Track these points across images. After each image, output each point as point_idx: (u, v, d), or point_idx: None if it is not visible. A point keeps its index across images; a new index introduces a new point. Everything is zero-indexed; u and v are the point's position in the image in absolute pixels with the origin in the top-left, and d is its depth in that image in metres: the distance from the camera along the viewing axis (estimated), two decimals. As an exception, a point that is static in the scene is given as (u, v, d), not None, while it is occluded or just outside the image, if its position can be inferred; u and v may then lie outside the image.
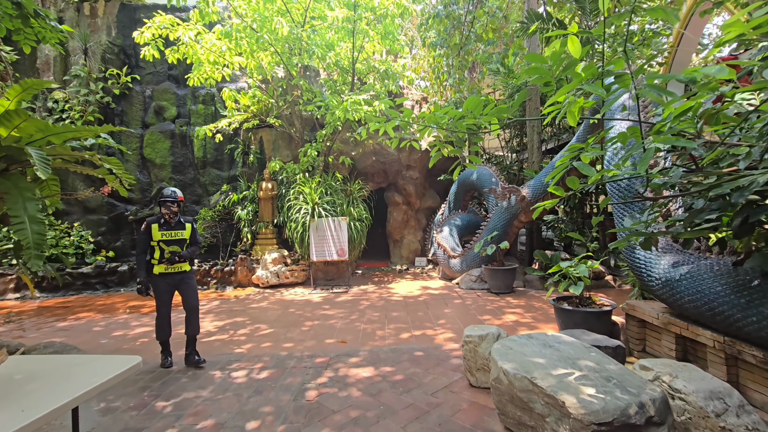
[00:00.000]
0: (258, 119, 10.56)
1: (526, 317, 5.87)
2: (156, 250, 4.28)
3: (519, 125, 11.02)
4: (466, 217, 9.32)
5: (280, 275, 8.62)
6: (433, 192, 11.82)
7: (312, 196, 8.36)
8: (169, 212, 4.33)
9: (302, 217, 8.37)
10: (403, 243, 11.21)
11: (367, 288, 8.39)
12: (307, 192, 8.42)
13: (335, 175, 9.56)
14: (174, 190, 4.42)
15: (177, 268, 4.36)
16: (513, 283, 7.51)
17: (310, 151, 8.79)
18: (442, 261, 8.78)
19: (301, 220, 8.36)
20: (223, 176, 10.89)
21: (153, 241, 4.26)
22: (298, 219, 8.31)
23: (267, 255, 8.81)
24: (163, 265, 4.29)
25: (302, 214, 8.35)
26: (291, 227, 8.48)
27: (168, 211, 4.33)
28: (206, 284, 8.88)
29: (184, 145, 10.86)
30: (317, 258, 8.33)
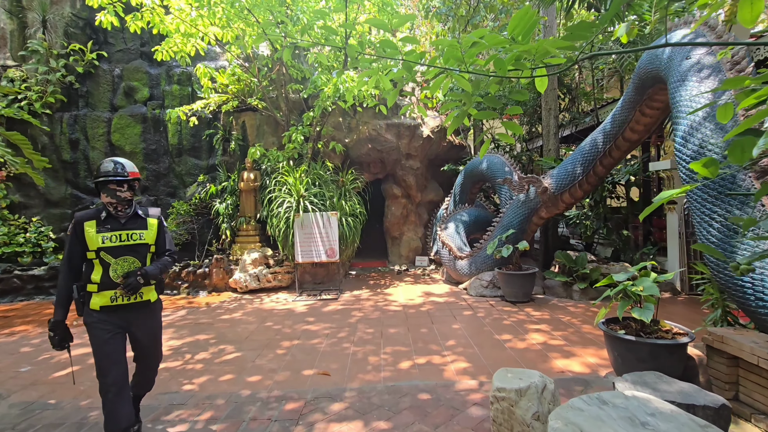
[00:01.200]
0: (239, 101, 9.27)
1: (556, 337, 4.67)
2: (95, 267, 2.49)
3: (532, 112, 9.78)
4: (473, 212, 8.10)
5: (261, 279, 7.41)
6: (436, 184, 10.59)
7: (297, 187, 7.13)
8: (116, 200, 2.53)
9: (285, 212, 7.14)
10: (402, 240, 10.01)
11: (360, 294, 7.19)
12: (291, 183, 7.19)
13: (325, 164, 8.32)
14: (119, 162, 2.62)
15: (136, 296, 2.58)
16: (532, 291, 6.32)
17: (296, 136, 7.54)
18: (447, 262, 7.58)
19: (284, 215, 7.14)
20: (201, 165, 9.63)
21: (90, 251, 2.48)
22: (280, 214, 7.08)
23: (246, 255, 7.59)
24: (110, 293, 2.51)
25: (285, 209, 7.12)
26: (273, 223, 7.25)
27: (112, 198, 2.52)
28: (176, 289, 7.66)
29: (157, 131, 9.58)
30: (303, 259, 7.11)
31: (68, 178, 9.36)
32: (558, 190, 6.12)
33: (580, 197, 6.10)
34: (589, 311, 5.67)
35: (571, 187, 6.00)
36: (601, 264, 6.62)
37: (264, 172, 8.67)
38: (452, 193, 8.89)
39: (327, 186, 7.81)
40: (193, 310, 6.46)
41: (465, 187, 8.55)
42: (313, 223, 7.10)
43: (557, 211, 6.41)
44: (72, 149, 9.34)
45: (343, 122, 9.56)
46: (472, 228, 7.96)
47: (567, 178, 6.04)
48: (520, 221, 6.63)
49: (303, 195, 7.16)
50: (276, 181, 7.57)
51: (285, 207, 7.07)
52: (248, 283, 7.32)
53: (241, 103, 9.32)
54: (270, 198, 7.56)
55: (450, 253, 7.48)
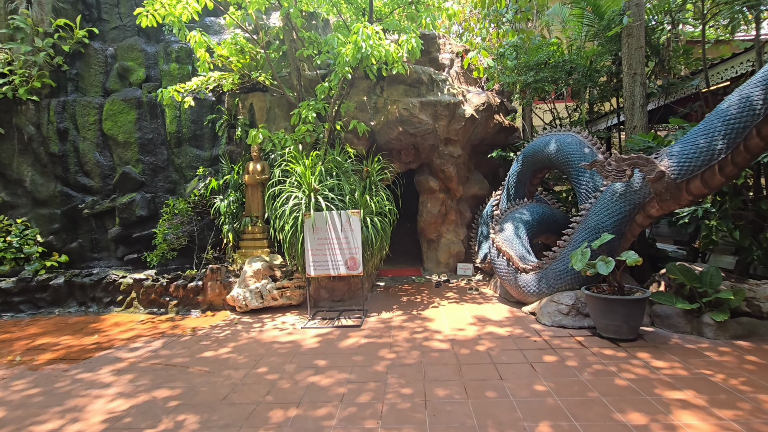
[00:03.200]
0: (244, 79, 7.63)
1: (724, 419, 2.67)
2: None
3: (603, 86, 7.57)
4: (537, 209, 6.08)
5: (265, 296, 5.71)
6: (480, 175, 8.59)
7: (308, 178, 5.36)
8: None
9: (292, 211, 5.39)
10: (440, 244, 8.09)
11: (391, 318, 5.35)
12: (300, 173, 5.43)
13: (345, 150, 6.52)
14: None
15: None
16: (641, 323, 4.28)
17: (306, 113, 5.76)
18: (505, 275, 5.61)
19: (290, 214, 5.39)
20: (203, 156, 8.08)
21: None
22: (285, 213, 5.34)
23: (247, 265, 5.92)
24: None
25: (292, 206, 5.37)
26: (276, 225, 5.52)
27: None
28: (163, 306, 6.09)
29: (154, 117, 8.10)
30: (316, 272, 5.35)
31: (57, 174, 8.03)
32: (682, 176, 4.04)
33: (718, 185, 3.99)
34: (747, 361, 3.58)
35: (705, 170, 3.90)
36: (739, 283, 4.48)
37: (272, 163, 6.98)
38: (504, 186, 6.89)
39: (347, 177, 6.01)
40: (172, 341, 4.83)
41: (523, 177, 6.52)
42: (329, 224, 5.32)
43: (677, 207, 4.32)
44: (61, 140, 7.99)
45: (368, 101, 7.74)
46: (536, 230, 5.95)
47: (699, 157, 3.94)
48: (616, 222, 4.59)
49: (315, 188, 5.39)
50: (281, 170, 5.83)
51: (292, 204, 5.32)
52: (248, 301, 5.64)
53: (247, 81, 7.67)
54: (273, 193, 5.83)
55: (509, 264, 5.51)
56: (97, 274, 6.70)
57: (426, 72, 8.04)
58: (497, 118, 8.10)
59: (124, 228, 7.83)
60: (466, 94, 8.04)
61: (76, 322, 5.86)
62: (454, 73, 8.44)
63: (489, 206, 7.75)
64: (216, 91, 8.04)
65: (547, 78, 7.14)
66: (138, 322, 5.66)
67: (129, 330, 5.35)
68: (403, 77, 7.87)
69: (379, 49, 5.27)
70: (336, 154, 6.06)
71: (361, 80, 7.90)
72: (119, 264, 7.90)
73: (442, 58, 8.55)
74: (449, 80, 8.19)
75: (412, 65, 8.03)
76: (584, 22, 7.60)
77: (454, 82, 8.32)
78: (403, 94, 7.86)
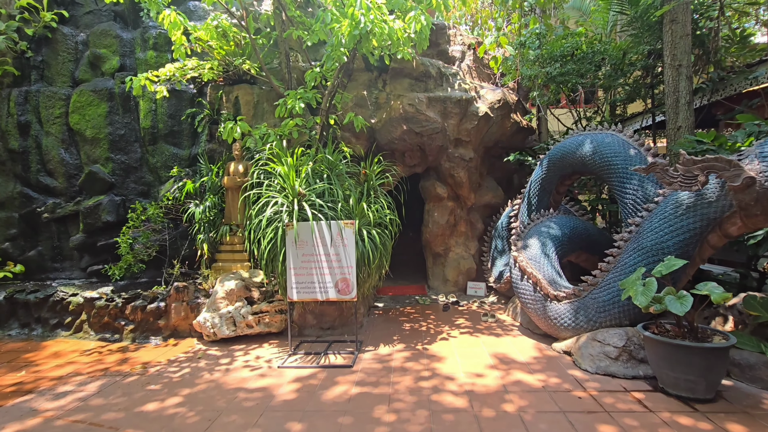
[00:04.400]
0: (229, 69, 6.65)
1: None
2: None
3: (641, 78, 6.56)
4: (566, 222, 5.04)
5: (238, 322, 4.65)
6: (493, 182, 7.55)
7: (291, 180, 4.32)
8: None
9: (271, 220, 4.35)
10: (448, 259, 7.02)
11: (390, 354, 4.28)
12: (282, 173, 4.39)
13: (340, 148, 5.49)
14: None
15: None
16: (722, 378, 3.22)
17: (293, 102, 4.74)
18: (530, 302, 4.55)
19: (268, 224, 4.35)
20: (181, 155, 7.07)
21: None
22: (263, 223, 4.28)
23: (219, 285, 4.87)
24: None
25: (271, 214, 4.32)
26: (252, 236, 4.47)
27: None
28: (118, 332, 5.03)
29: (127, 111, 7.10)
30: (299, 295, 4.30)
31: (16, 173, 7.02)
32: (780, 183, 3.00)
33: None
34: None
35: (817, 176, 2.87)
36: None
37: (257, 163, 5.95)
38: (525, 194, 5.85)
39: (341, 180, 4.98)
40: (113, 383, 3.77)
41: (548, 184, 5.49)
42: (316, 237, 4.28)
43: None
44: (22, 135, 7.00)
45: (368, 96, 6.75)
46: (567, 247, 4.89)
47: (807, 158, 2.91)
48: (681, 242, 3.54)
49: (301, 193, 4.35)
50: (261, 171, 4.79)
51: (271, 212, 4.27)
52: (218, 328, 4.58)
53: (232, 71, 6.69)
54: (250, 198, 4.79)
55: (536, 289, 4.45)
56: (44, 290, 5.65)
57: (434, 65, 7.06)
58: (514, 118, 7.09)
59: (88, 235, 6.79)
60: (480, 90, 7.04)
61: (11, 350, 4.80)
62: (466, 67, 7.46)
63: (504, 217, 6.71)
64: (197, 83, 7.06)
65: (573, 71, 6.14)
66: (82, 353, 4.60)
67: (68, 364, 4.29)
68: (408, 70, 6.89)
69: (380, 26, 4.26)
70: (328, 153, 5.03)
71: (360, 72, 6.93)
72: (83, 276, 6.86)
73: (453, 50, 7.57)
74: (460, 74, 7.20)
75: (419, 56, 7.05)
76: (613, 10, 6.62)
77: (465, 76, 7.34)
78: (408, 88, 6.87)
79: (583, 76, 6.18)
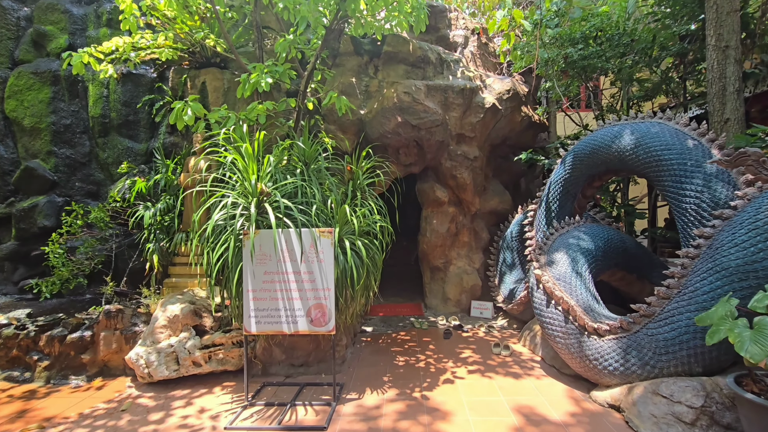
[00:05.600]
0: (193, 49, 5.60)
1: None
2: None
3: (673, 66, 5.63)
4: (599, 232, 4.02)
5: (183, 359, 3.53)
6: (499, 185, 6.54)
7: (251, 174, 3.24)
8: None
9: (220, 227, 3.28)
10: (448, 273, 5.97)
11: (379, 406, 3.19)
12: (239, 166, 3.31)
13: (320, 139, 4.44)
14: None
15: None
16: None
17: (258, 77, 3.68)
18: (560, 335, 3.49)
19: (218, 233, 3.28)
20: (137, 149, 5.96)
21: None
22: (209, 230, 3.18)
23: (160, 309, 3.74)
24: None
25: (224, 217, 3.23)
26: (195, 246, 3.37)
27: None
28: (29, 368, 3.87)
29: (74, 97, 6.00)
30: (259, 328, 3.20)
31: (-60, 168, 5.87)
32: None
33: None
34: None
35: None
36: None
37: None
38: (542, 199, 4.83)
39: (321, 178, 3.91)
40: (-15, 455, 2.65)
41: (572, 186, 4.47)
42: (283, 249, 3.20)
43: None
44: (-53, 124, 5.86)
45: (357, 83, 5.73)
46: (601, 264, 3.87)
47: None
48: (782, 261, 2.54)
49: (264, 192, 3.28)
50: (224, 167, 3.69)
51: (223, 214, 3.18)
52: (154, 368, 3.45)
53: (197, 50, 5.64)
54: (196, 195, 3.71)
55: (568, 319, 3.40)
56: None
57: (434, 50, 6.08)
58: (525, 111, 6.11)
59: (22, 242, 5.63)
60: (486, 79, 6.06)
61: None
62: (469, 54, 6.48)
63: (514, 225, 5.69)
64: (157, 65, 5.99)
65: (597, 54, 5.18)
66: (-29, 401, 3.44)
67: (-58, 419, 3.13)
68: (403, 54, 5.90)
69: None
70: (305, 142, 3.96)
71: (348, 57, 5.92)
72: (15, 292, 5.68)
73: (454, 35, 6.60)
74: (463, 61, 6.23)
75: (416, 40, 6.08)
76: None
77: (469, 64, 6.37)
78: (403, 75, 5.87)
79: (609, 61, 5.22)
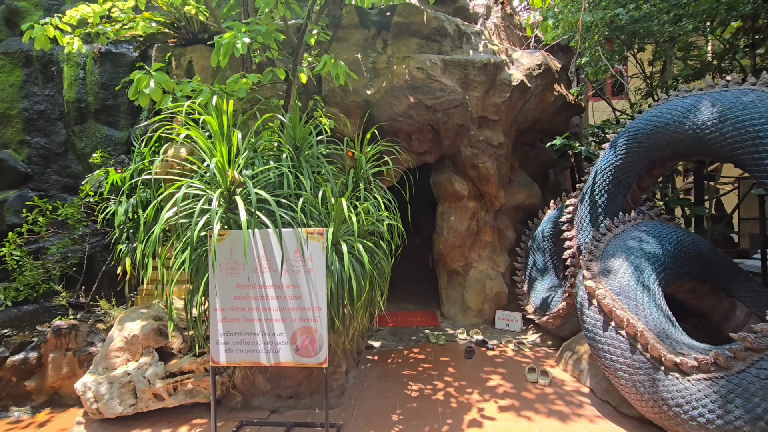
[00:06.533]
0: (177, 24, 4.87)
1: None
2: None
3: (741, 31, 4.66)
4: (666, 233, 3.15)
5: (142, 390, 2.80)
6: (527, 177, 5.65)
7: (219, 157, 2.48)
8: None
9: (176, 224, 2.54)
10: (468, 278, 5.12)
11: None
12: (202, 145, 2.54)
13: (314, 118, 3.65)
14: None
15: None
16: None
17: (233, 38, 2.91)
18: (624, 367, 2.63)
19: (180, 233, 2.54)
20: (117, 138, 5.28)
21: None
22: (157, 230, 2.44)
23: (117, 327, 3.02)
24: None
25: (176, 214, 2.49)
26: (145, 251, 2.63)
27: None
28: (-37, 398, 3.22)
29: (48, 80, 5.34)
30: (231, 358, 2.45)
31: None
32: None
33: None
34: None
35: None
36: None
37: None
38: (583, 191, 3.96)
39: (316, 166, 3.13)
40: None
41: (626, 175, 3.58)
42: (260, 256, 2.43)
43: None
44: None
45: (363, 60, 4.91)
46: (671, 273, 2.99)
47: None
48: None
49: (237, 180, 2.51)
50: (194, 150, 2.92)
51: (174, 211, 2.43)
52: (104, 402, 2.73)
53: (185, 28, 4.91)
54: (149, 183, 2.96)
55: (636, 348, 2.55)
56: None
57: (452, 21, 5.22)
58: (558, 90, 5.21)
59: (-10, 242, 5.02)
60: (512, 53, 5.18)
61: None
62: (492, 26, 5.60)
63: (546, 223, 4.82)
64: (140, 43, 5.29)
65: (650, 17, 4.25)
66: None
67: None
68: (416, 26, 5.06)
69: None
70: (293, 121, 3.16)
71: (353, 30, 5.11)
72: (-16, 296, 5.07)
73: (474, 5, 5.72)
74: (485, 34, 5.35)
75: (431, 10, 5.23)
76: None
77: (492, 37, 5.48)
78: (416, 50, 5.04)
79: (666, 25, 4.28)
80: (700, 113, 2.96)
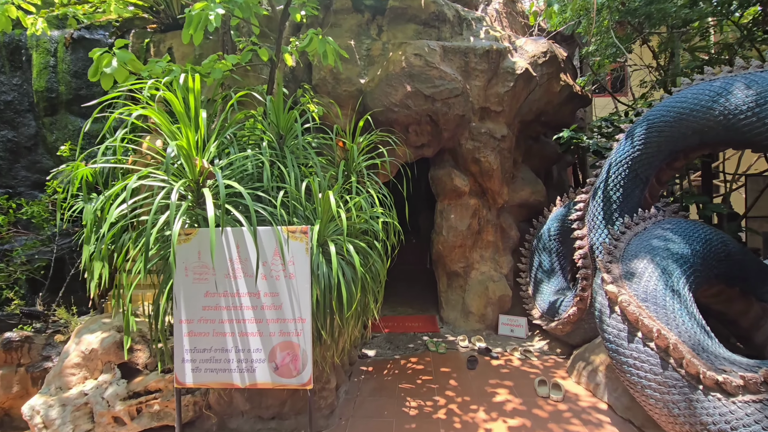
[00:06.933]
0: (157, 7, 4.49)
1: None
2: None
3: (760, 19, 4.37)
4: (693, 231, 2.82)
5: (99, 414, 2.43)
6: (531, 173, 5.32)
7: (186, 142, 2.11)
8: None
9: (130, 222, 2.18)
10: (469, 280, 4.78)
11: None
12: (165, 129, 2.18)
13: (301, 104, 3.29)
14: None
15: None
16: None
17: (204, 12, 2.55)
18: (654, 385, 2.30)
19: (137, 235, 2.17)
20: (92, 130, 4.89)
21: None
22: (104, 228, 2.07)
23: (74, 340, 2.65)
24: None
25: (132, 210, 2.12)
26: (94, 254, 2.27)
27: None
28: None
29: (16, 68, 4.93)
30: (199, 378, 2.09)
31: None
32: None
33: None
34: None
35: None
36: None
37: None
38: (596, 186, 3.63)
39: (300, 156, 2.77)
40: None
41: (644, 168, 3.25)
42: (233, 258, 2.07)
43: None
44: None
45: (356, 47, 4.56)
46: (700, 275, 2.66)
47: None
48: None
49: (207, 171, 2.16)
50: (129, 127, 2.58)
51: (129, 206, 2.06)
52: (55, 428, 2.36)
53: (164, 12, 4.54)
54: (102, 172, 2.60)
55: (669, 364, 2.22)
56: None
57: (451, 6, 4.88)
58: (564, 80, 4.88)
59: (-48, 244, 4.60)
60: (515, 40, 4.85)
61: None
62: (494, 12, 5.26)
63: (553, 221, 4.49)
64: (116, 29, 4.90)
65: (665, 0, 3.94)
66: None
67: None
68: (414, 11, 4.71)
69: None
70: (275, 105, 2.79)
71: (345, 14, 4.74)
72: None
73: (476, -8, 5.38)
74: (487, 20, 5.01)
75: (429, -7, 4.87)
76: None
77: (494, 23, 5.15)
78: (413, 36, 4.69)
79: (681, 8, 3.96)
80: (733, 97, 2.64)
